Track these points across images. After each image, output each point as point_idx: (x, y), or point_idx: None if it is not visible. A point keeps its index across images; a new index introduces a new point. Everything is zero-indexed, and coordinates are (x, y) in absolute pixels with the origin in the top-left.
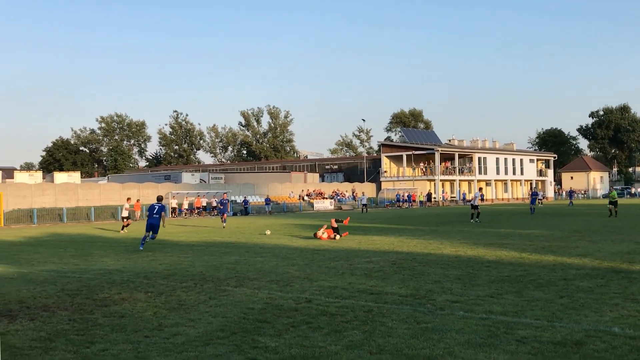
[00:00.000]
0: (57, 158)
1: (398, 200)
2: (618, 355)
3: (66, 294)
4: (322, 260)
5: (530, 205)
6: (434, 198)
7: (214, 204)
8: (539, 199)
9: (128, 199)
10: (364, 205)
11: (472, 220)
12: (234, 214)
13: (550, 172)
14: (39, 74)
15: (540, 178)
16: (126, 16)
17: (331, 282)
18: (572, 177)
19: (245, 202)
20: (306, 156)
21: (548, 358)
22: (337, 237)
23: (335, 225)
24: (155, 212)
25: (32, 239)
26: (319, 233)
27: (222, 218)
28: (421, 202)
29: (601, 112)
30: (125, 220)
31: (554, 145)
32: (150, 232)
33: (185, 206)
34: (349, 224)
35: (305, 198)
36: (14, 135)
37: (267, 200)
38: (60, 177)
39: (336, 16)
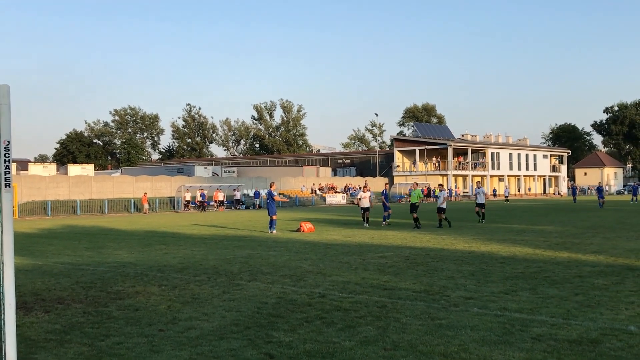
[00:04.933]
0: (71, 150)
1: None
2: (635, 354)
3: (80, 287)
4: (335, 254)
5: (600, 200)
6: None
7: (237, 197)
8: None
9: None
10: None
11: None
12: (246, 207)
13: (564, 168)
14: (53, 67)
15: (554, 174)
16: (139, 9)
17: (344, 277)
18: (585, 173)
19: (257, 194)
20: (319, 150)
21: (564, 356)
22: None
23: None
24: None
25: (46, 231)
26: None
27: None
28: (436, 196)
29: (616, 108)
30: None
31: (567, 140)
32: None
33: (199, 199)
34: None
35: (318, 192)
36: (28, 127)
37: (257, 194)
38: (74, 169)
39: (348, 10)
